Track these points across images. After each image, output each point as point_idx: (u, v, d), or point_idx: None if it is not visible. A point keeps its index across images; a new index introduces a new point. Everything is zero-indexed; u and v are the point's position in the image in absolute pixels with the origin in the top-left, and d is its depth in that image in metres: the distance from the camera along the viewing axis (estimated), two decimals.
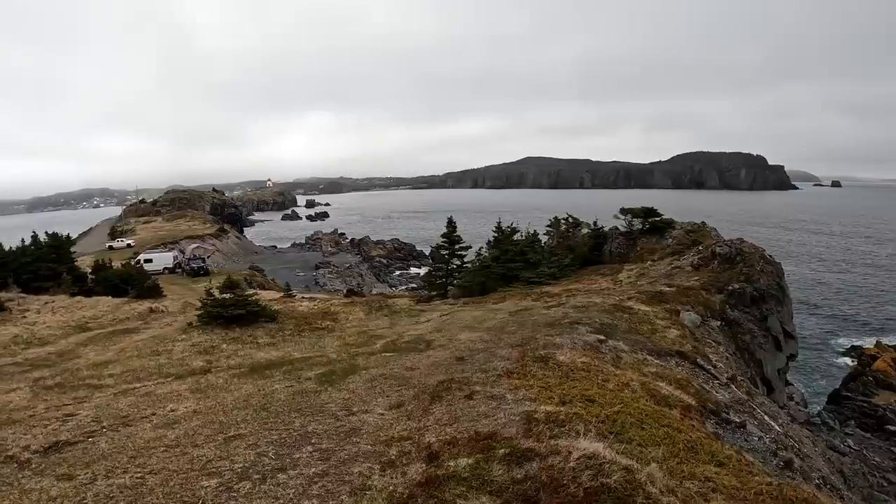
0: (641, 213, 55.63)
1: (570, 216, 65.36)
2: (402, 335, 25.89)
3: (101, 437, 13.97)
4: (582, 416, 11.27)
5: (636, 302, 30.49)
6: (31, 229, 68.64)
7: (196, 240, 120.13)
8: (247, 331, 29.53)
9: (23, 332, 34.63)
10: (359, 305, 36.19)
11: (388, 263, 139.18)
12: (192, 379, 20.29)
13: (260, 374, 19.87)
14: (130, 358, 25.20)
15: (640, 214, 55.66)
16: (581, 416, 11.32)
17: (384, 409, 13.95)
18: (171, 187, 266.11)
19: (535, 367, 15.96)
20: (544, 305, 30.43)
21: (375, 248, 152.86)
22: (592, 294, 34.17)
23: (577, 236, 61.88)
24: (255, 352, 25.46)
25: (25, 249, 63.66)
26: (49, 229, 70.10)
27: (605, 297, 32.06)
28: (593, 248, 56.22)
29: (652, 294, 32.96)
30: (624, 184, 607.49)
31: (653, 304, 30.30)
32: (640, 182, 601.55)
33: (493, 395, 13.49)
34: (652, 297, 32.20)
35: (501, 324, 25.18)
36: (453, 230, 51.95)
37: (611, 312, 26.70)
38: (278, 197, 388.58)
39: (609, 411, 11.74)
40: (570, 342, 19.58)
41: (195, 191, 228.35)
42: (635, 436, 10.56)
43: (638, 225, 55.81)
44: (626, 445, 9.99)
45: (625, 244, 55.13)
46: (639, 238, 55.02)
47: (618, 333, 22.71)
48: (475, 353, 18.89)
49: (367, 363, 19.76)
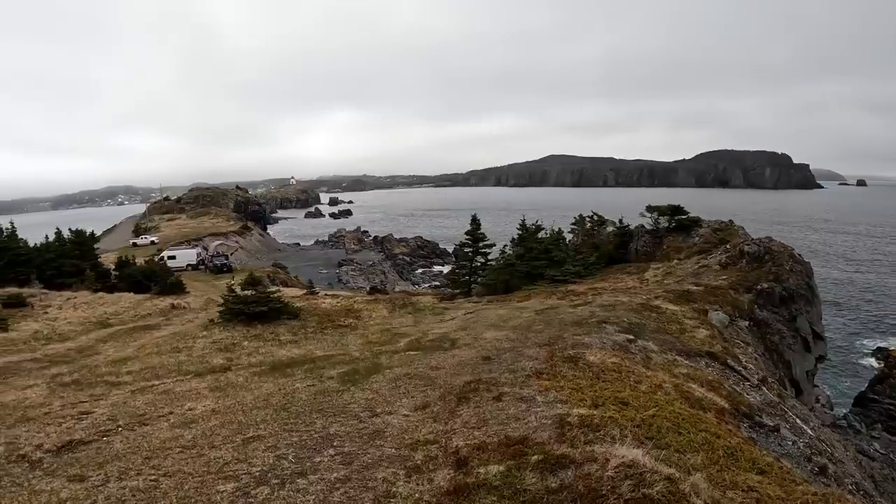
0: (668, 211, 54.83)
1: (595, 214, 64.73)
2: (426, 333, 25.40)
3: (116, 436, 13.58)
4: (617, 420, 10.73)
5: (664, 301, 29.87)
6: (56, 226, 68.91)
7: (220, 237, 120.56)
8: (269, 328, 29.16)
9: (43, 327, 34.52)
10: (382, 303, 35.74)
11: (411, 261, 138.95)
12: (211, 377, 19.92)
13: (281, 373, 19.43)
14: (150, 355, 24.89)
15: (667, 212, 54.86)
16: (616, 420, 10.78)
17: (409, 410, 13.43)
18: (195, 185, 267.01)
19: (564, 367, 15.40)
20: (570, 304, 29.85)
21: (398, 246, 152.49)
22: (619, 293, 33.56)
23: (602, 234, 61.25)
24: (277, 349, 25.07)
25: (49, 246, 64.82)
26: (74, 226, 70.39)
27: (632, 295, 31.45)
28: (619, 246, 55.53)
29: (679, 293, 32.33)
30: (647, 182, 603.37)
31: (681, 304, 29.69)
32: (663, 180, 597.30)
33: (523, 397, 12.94)
34: (679, 296, 31.57)
35: (527, 322, 24.62)
36: (477, 228, 51.50)
37: (638, 311, 26.11)
38: (301, 195, 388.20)
39: (644, 415, 11.21)
40: (598, 342, 19.03)
41: (219, 188, 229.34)
42: (672, 441, 10.04)
43: (664, 223, 55.01)
44: (663, 452, 9.46)
45: (651, 242, 54.39)
46: (665, 236, 54.26)
47: (646, 333, 22.16)
48: (502, 353, 18.34)
49: (391, 362, 19.25)
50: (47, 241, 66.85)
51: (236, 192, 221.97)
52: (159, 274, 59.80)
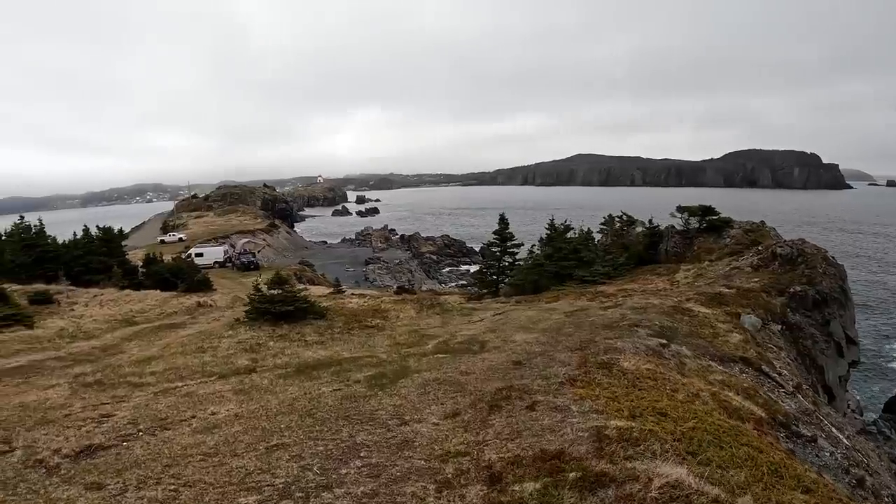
0: (699, 212, 54.04)
1: (625, 214, 64.07)
2: (454, 335, 24.91)
3: (137, 441, 13.23)
4: (657, 434, 10.21)
5: (695, 303, 29.26)
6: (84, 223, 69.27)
7: (247, 234, 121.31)
8: (295, 328, 28.82)
9: (69, 325, 34.46)
10: (409, 303, 35.33)
11: (437, 260, 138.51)
12: (235, 379, 19.56)
13: (307, 376, 19.05)
14: (174, 355, 24.62)
15: (698, 213, 54.07)
16: (655, 433, 10.26)
17: (439, 418, 12.96)
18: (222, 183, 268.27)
19: (598, 374, 14.88)
20: (600, 306, 29.32)
21: (425, 245, 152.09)
22: (649, 295, 32.98)
23: (632, 235, 60.58)
24: (303, 350, 24.66)
25: (77, 243, 65.55)
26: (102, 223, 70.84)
27: (663, 298, 30.85)
28: (648, 246, 54.77)
29: (711, 295, 31.70)
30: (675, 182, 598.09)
31: (712, 307, 29.06)
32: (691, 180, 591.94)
33: (557, 406, 12.44)
34: (711, 298, 30.95)
35: (557, 325, 24.11)
36: (505, 227, 51.15)
37: (670, 314, 25.51)
38: (328, 192, 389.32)
39: (684, 427, 10.70)
40: (631, 346, 18.49)
41: (246, 186, 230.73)
42: (714, 456, 9.53)
43: (695, 223, 54.26)
44: (706, 468, 8.94)
45: (681, 243, 53.63)
46: (695, 237, 53.51)
47: (679, 337, 21.61)
48: (533, 357, 17.84)
49: (419, 365, 18.81)
50: (75, 238, 67.39)
51: (264, 190, 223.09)
52: (186, 271, 59.71)
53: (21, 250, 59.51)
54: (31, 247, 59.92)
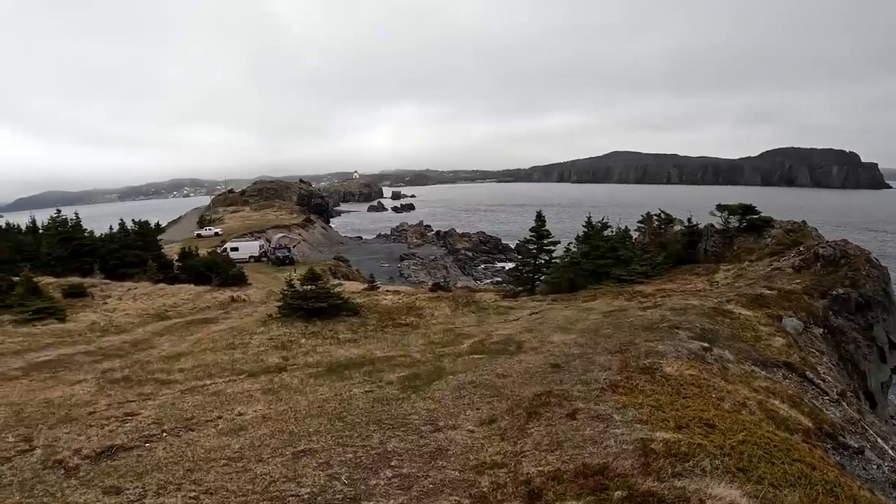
0: (739, 210, 52.97)
1: (663, 212, 63.10)
2: (490, 335, 24.33)
3: (160, 442, 12.79)
4: (705, 448, 9.59)
5: (736, 305, 28.48)
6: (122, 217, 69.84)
7: (282, 229, 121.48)
8: (328, 325, 28.42)
9: (101, 318, 34.34)
10: (445, 301, 34.80)
11: (473, 256, 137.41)
12: (265, 378, 19.11)
13: (338, 375, 18.57)
14: (204, 351, 24.29)
15: (738, 211, 52.98)
16: (704, 447, 9.64)
17: (474, 424, 12.39)
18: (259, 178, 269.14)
19: (640, 379, 14.26)
20: (639, 306, 28.62)
21: (461, 241, 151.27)
22: (689, 295, 32.19)
23: (670, 233, 59.65)
24: (335, 349, 24.20)
25: (113, 236, 65.86)
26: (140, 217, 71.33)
27: (703, 299, 30.05)
28: (687, 245, 53.78)
29: (752, 297, 30.87)
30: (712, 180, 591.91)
31: (753, 308, 28.27)
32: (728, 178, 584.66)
33: (599, 415, 11.82)
34: (752, 300, 30.13)
35: (595, 325, 23.47)
36: (542, 224, 50.29)
37: (711, 317, 24.75)
38: (364, 188, 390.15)
39: (733, 440, 10.08)
40: (673, 350, 17.82)
41: (282, 181, 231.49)
42: (767, 474, 8.90)
43: (734, 223, 53.24)
44: (757, 486, 8.34)
45: (721, 243, 52.60)
46: (735, 236, 52.55)
47: (720, 340, 20.91)
48: (571, 360, 17.23)
49: (454, 366, 18.27)
50: (111, 232, 67.91)
51: (299, 186, 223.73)
52: (221, 265, 59.96)
53: (57, 244, 59.67)
54: (67, 240, 59.94)
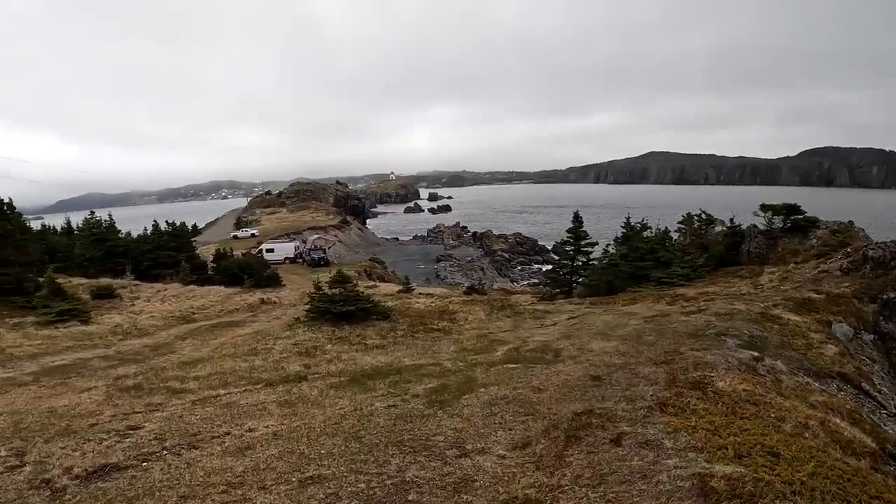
0: (783, 210, 51.29)
1: (703, 212, 61.51)
2: (526, 341, 23.02)
3: (158, 462, 11.61)
4: (773, 486, 8.20)
5: (783, 310, 26.96)
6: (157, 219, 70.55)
7: (318, 231, 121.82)
8: (356, 329, 27.26)
9: (125, 321, 33.79)
10: (479, 304, 33.54)
11: (509, 258, 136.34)
12: (283, 388, 17.91)
13: (361, 386, 17.34)
14: (224, 357, 23.22)
15: (782, 211, 51.32)
16: (772, 484, 8.25)
17: (506, 448, 11.04)
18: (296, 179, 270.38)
19: (691, 396, 12.89)
20: (682, 311, 27.25)
21: (497, 242, 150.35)
22: (733, 299, 30.72)
23: (711, 234, 58.11)
24: (361, 355, 22.98)
25: (147, 238, 67.27)
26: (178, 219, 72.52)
27: (749, 303, 28.56)
28: (729, 247, 52.13)
29: (800, 301, 29.30)
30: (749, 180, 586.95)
31: (802, 314, 26.74)
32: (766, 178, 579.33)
33: (647, 441, 10.41)
34: (800, 304, 28.57)
35: (637, 332, 22.14)
36: (580, 225, 49.41)
37: (758, 322, 23.27)
38: (401, 190, 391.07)
39: (802, 473, 8.71)
40: (723, 360, 16.43)
41: (319, 183, 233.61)
42: None
43: (778, 223, 51.59)
44: None
45: (764, 244, 50.92)
46: (779, 238, 50.92)
47: (770, 348, 19.48)
48: (613, 371, 15.89)
49: (487, 377, 16.96)
50: (145, 233, 69.43)
51: (336, 187, 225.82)
52: (255, 267, 59.96)
53: (91, 245, 60.70)
54: (100, 241, 61.04)
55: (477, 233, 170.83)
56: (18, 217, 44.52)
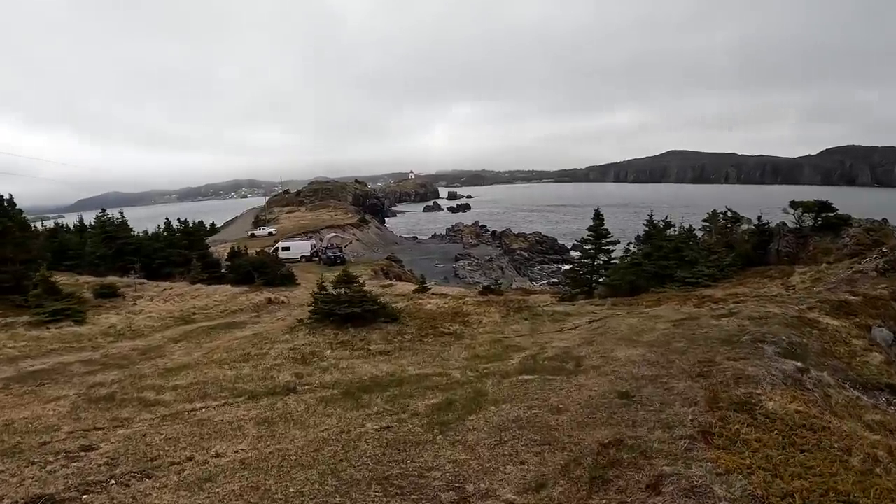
0: (814, 208, 49.12)
1: (729, 210, 59.46)
2: (544, 347, 21.04)
3: (100, 495, 9.67)
4: None
5: (820, 313, 24.86)
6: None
7: (336, 229, 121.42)
8: (361, 332, 25.32)
9: (122, 321, 32.47)
10: (495, 306, 31.51)
11: (528, 257, 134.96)
12: (267, 402, 15.97)
13: (355, 401, 15.36)
14: (211, 364, 21.37)
15: (813, 209, 49.14)
16: None
17: (516, 490, 8.77)
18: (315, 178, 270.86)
19: (738, 420, 10.71)
20: (711, 314, 25.26)
21: (516, 241, 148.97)
22: (765, 301, 28.66)
23: (737, 233, 56.07)
24: (362, 363, 20.91)
25: (159, 236, 68.27)
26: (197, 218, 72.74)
27: (782, 305, 26.43)
28: (757, 246, 50.03)
29: (836, 304, 27.17)
30: (770, 179, 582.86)
31: (840, 317, 24.62)
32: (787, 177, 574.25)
33: (693, 486, 8.04)
34: (836, 307, 26.45)
35: (665, 337, 20.18)
36: (601, 223, 48.48)
37: (796, 327, 21.16)
38: (420, 188, 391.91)
39: None
40: (766, 373, 14.37)
41: (338, 182, 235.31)
42: None
43: (809, 221, 49.42)
44: None
45: (794, 243, 48.82)
46: (809, 236, 48.78)
47: (811, 356, 17.46)
48: (643, 386, 13.87)
49: (499, 391, 14.95)
50: (157, 231, 70.53)
51: (355, 186, 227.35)
52: (269, 265, 59.10)
53: (101, 243, 60.56)
54: (111, 239, 60.85)
55: (496, 232, 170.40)
56: (19, 214, 43.88)
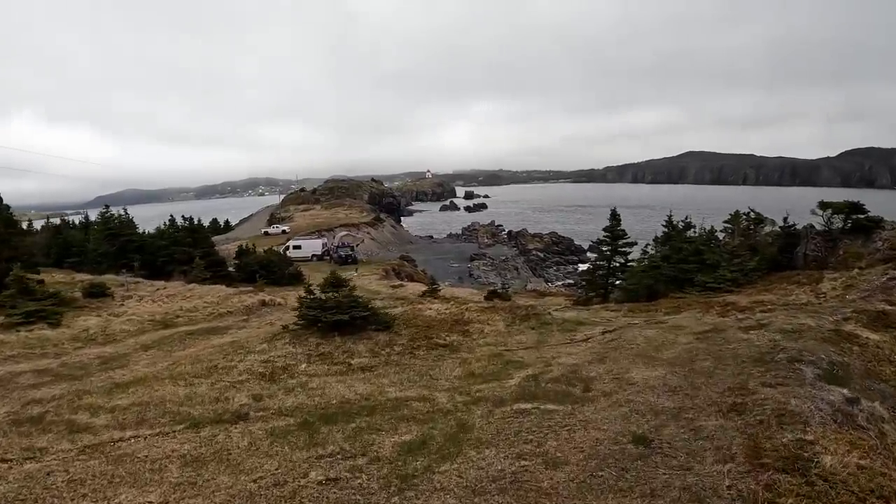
0: (845, 209, 46.20)
1: (752, 210, 56.85)
2: (549, 364, 18.41)
3: None
4: None
5: (856, 325, 22.03)
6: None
7: (350, 228, 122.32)
8: (347, 342, 22.45)
9: (99, 324, 30.50)
10: (500, 313, 28.46)
11: (544, 257, 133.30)
12: (209, 432, 13.47)
13: (310, 436, 12.81)
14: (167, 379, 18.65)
15: (843, 210, 46.21)
16: None
17: None
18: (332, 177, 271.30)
19: (790, 489, 8.00)
20: (738, 325, 22.56)
21: (532, 241, 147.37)
22: (795, 311, 25.77)
23: (760, 235, 53.46)
24: (336, 382, 18.02)
25: (163, 233, 67.01)
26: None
27: (815, 317, 23.49)
28: (783, 249, 47.27)
29: (873, 315, 24.24)
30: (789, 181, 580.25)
31: (879, 331, 21.72)
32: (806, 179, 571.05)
33: None
34: (874, 318, 23.54)
35: (688, 354, 17.54)
36: (617, 223, 46.84)
37: (834, 343, 18.23)
38: (437, 188, 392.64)
39: None
40: (812, 407, 11.62)
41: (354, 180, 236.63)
42: None
43: (838, 223, 46.55)
44: None
45: (822, 246, 46.01)
46: (839, 239, 45.97)
47: (855, 379, 14.77)
48: (664, 423, 11.29)
49: (486, 428, 12.35)
50: (161, 229, 69.37)
51: (370, 185, 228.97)
52: (277, 264, 58.69)
53: (104, 240, 60.19)
54: (115, 237, 60.50)
55: (512, 231, 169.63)
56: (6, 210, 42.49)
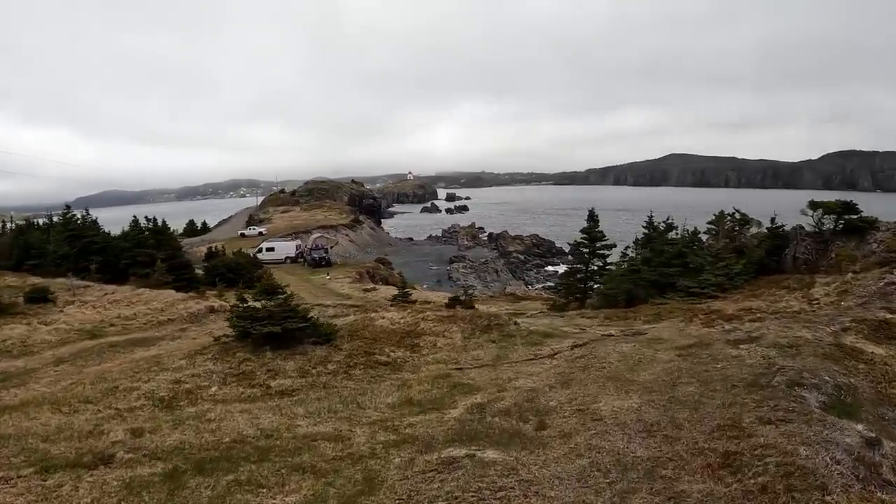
0: (837, 209, 43.54)
1: (738, 211, 54.55)
2: (503, 388, 15.60)
3: None
4: None
5: (858, 337, 19.24)
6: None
7: (328, 229, 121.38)
8: (276, 358, 19.37)
9: (23, 334, 28.24)
10: (458, 323, 25.30)
11: (525, 260, 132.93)
12: (56, 480, 10.58)
13: (171, 492, 9.95)
14: (48, 405, 15.75)
15: (836, 210, 43.57)
16: None
17: None
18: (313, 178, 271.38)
19: None
20: (726, 337, 19.83)
21: (513, 244, 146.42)
22: (788, 320, 22.92)
23: (746, 237, 51.14)
24: (241, 412, 15.01)
25: (127, 235, 64.59)
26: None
27: (811, 327, 20.54)
28: (771, 251, 44.71)
29: (874, 324, 21.41)
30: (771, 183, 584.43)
31: (881, 342, 18.99)
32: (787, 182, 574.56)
33: None
34: (875, 328, 20.82)
35: (669, 375, 14.85)
36: (595, 225, 45.05)
37: (836, 360, 15.35)
38: (419, 189, 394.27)
39: None
40: (827, 460, 8.77)
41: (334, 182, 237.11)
42: None
43: (829, 224, 43.95)
44: None
45: (813, 249, 43.44)
46: (830, 241, 43.39)
47: (867, 407, 12.13)
48: (633, 490, 8.43)
49: (396, 489, 9.48)
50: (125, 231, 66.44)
51: (350, 186, 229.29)
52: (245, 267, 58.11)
53: (64, 242, 57.83)
54: (76, 238, 58.60)
55: (493, 233, 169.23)
56: None
